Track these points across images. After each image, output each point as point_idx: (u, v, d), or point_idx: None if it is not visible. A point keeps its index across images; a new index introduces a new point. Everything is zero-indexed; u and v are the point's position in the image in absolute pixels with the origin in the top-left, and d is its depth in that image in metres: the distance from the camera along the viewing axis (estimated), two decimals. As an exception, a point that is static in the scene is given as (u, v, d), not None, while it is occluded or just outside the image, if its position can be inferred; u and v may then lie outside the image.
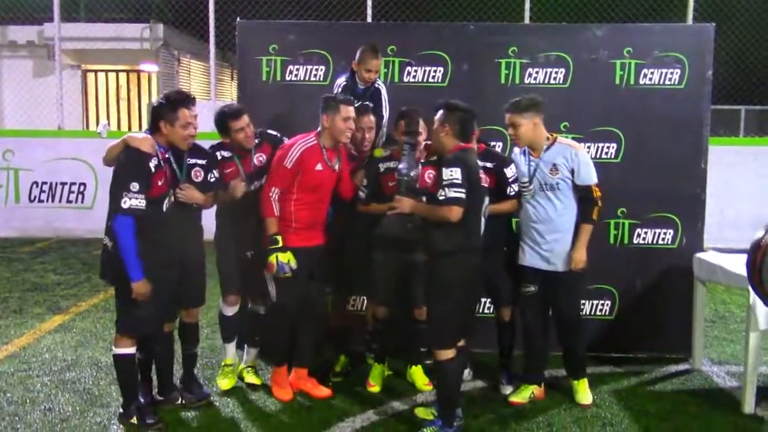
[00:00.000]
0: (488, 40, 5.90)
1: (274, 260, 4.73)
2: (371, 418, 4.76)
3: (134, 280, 4.29)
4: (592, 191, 4.82)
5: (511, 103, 4.89)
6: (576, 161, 4.81)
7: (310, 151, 4.81)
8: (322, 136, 4.86)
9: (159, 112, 4.52)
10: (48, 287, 8.17)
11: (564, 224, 4.85)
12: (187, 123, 4.52)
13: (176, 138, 4.54)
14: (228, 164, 5.04)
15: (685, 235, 5.85)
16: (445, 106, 4.45)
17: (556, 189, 4.83)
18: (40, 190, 11.33)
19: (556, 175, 4.82)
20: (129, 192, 4.23)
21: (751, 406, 4.85)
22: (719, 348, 6.26)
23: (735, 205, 10.43)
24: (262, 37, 5.94)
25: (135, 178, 4.27)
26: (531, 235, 4.92)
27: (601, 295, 5.92)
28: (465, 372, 5.12)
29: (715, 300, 7.65)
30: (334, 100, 4.85)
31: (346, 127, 4.81)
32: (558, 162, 4.82)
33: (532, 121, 4.83)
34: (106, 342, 6.08)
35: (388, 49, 5.78)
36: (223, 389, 5.13)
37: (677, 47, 5.77)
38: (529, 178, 4.91)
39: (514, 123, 4.85)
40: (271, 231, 4.77)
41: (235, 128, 4.97)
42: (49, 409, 4.83)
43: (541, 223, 4.87)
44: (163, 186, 4.45)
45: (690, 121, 5.79)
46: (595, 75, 5.80)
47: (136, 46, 14.80)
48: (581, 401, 5.00)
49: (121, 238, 4.27)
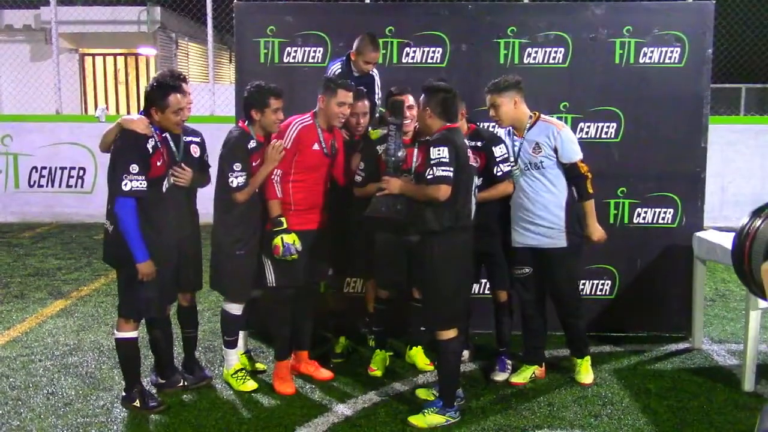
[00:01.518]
0: (487, 19, 5.87)
1: (280, 242, 4.67)
2: (372, 399, 4.78)
3: (140, 261, 4.30)
4: (578, 167, 4.80)
5: (491, 83, 4.88)
6: (558, 138, 4.79)
7: (306, 130, 4.77)
8: (318, 116, 4.83)
9: (149, 98, 4.48)
10: (49, 272, 8.18)
11: (552, 202, 4.82)
12: (179, 109, 4.47)
13: (168, 124, 4.50)
14: (255, 155, 4.74)
15: (685, 214, 5.85)
16: (425, 88, 4.46)
17: (541, 167, 4.82)
18: (40, 175, 11.33)
19: (540, 154, 4.81)
20: (129, 174, 4.23)
21: (751, 384, 4.87)
22: (719, 327, 6.28)
23: (735, 183, 10.42)
24: (259, 19, 5.91)
25: (134, 159, 4.26)
26: (521, 215, 4.90)
27: (602, 274, 5.93)
28: (465, 353, 5.14)
29: (715, 279, 7.66)
30: (333, 83, 4.79)
31: (339, 112, 4.75)
32: (540, 141, 4.81)
33: (513, 100, 4.82)
34: (107, 326, 6.10)
35: (386, 29, 5.76)
36: (252, 389, 4.86)
37: (677, 25, 5.74)
38: (514, 158, 4.90)
39: (494, 103, 4.85)
40: (274, 213, 4.72)
41: (274, 107, 4.71)
42: (52, 393, 4.86)
43: (530, 202, 4.85)
44: (161, 167, 4.44)
45: (690, 100, 5.77)
46: (595, 54, 5.77)
47: (134, 30, 14.74)
48: (583, 380, 5.03)
49: (123, 221, 4.27)
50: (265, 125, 4.76)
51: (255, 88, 4.75)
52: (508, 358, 5.18)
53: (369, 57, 5.26)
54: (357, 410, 4.62)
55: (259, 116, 4.72)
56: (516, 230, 4.94)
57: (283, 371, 4.95)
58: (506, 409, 4.64)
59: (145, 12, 14.54)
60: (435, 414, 4.39)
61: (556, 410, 4.63)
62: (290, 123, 4.80)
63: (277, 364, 4.98)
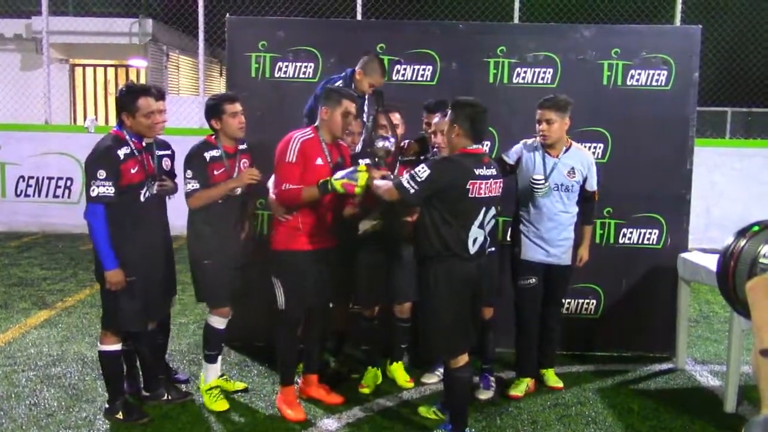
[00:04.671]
0: (477, 39, 5.93)
1: (340, 186, 4.32)
2: (357, 414, 4.78)
3: (107, 269, 4.29)
4: (594, 196, 5.14)
5: (549, 99, 4.94)
6: (590, 169, 5.06)
7: (309, 143, 4.51)
8: (321, 129, 4.58)
9: (120, 103, 4.45)
10: (34, 282, 8.13)
11: (570, 223, 5.06)
12: (149, 112, 4.43)
13: (141, 128, 4.45)
14: (217, 165, 4.70)
15: (670, 235, 5.90)
16: (453, 104, 4.24)
17: (570, 190, 5.00)
18: (27, 185, 11.28)
19: (573, 178, 4.98)
20: (96, 180, 4.23)
21: (733, 405, 4.90)
22: (702, 347, 6.32)
23: (720, 205, 10.52)
24: (251, 34, 5.94)
25: (101, 165, 4.26)
26: (539, 232, 5.00)
27: (587, 294, 5.96)
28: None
29: (699, 300, 7.71)
30: (337, 93, 4.58)
31: (344, 123, 4.58)
32: (576, 167, 4.99)
33: (564, 122, 4.93)
34: (92, 337, 6.06)
35: (377, 47, 5.79)
36: (221, 410, 4.75)
37: (664, 49, 5.82)
38: (545, 177, 4.95)
39: (549, 119, 4.89)
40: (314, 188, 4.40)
41: (230, 112, 4.68)
42: (35, 404, 4.82)
43: (553, 221, 4.98)
44: (137, 174, 4.39)
45: (676, 122, 5.84)
46: (583, 75, 5.83)
47: (125, 41, 14.72)
48: (555, 385, 5.23)
49: (92, 227, 4.28)
50: (228, 132, 4.70)
51: (210, 99, 4.83)
52: (492, 375, 5.19)
53: (376, 80, 5.08)
54: (341, 425, 4.61)
55: (219, 124, 4.69)
56: (527, 244, 5.04)
57: (290, 396, 4.75)
58: (490, 427, 4.64)
59: (136, 24, 14.53)
60: None
61: (539, 428, 4.64)
62: (290, 138, 4.53)
63: (283, 389, 4.78)
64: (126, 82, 4.75)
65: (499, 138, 5.72)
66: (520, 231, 5.08)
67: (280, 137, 4.62)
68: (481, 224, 4.16)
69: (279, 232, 4.62)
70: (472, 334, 4.31)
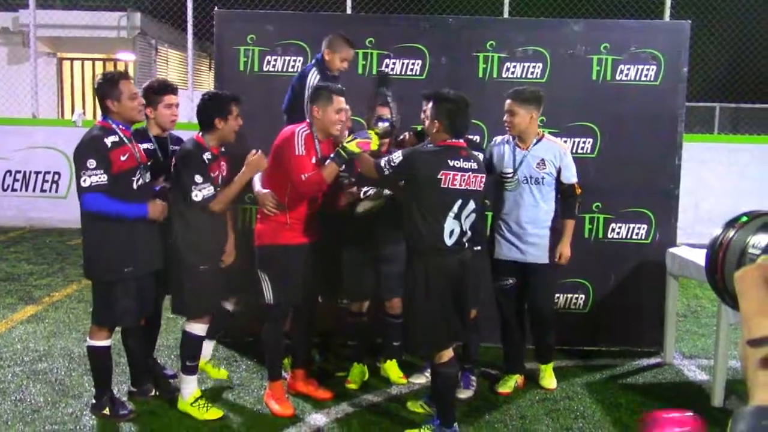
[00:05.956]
0: (467, 33, 5.91)
1: (356, 145, 4.34)
2: (345, 410, 4.77)
3: (145, 214, 4.31)
4: (574, 189, 4.99)
5: (515, 90, 4.92)
6: (564, 161, 4.94)
7: (308, 137, 4.50)
8: (314, 127, 4.56)
9: (102, 92, 4.35)
10: (21, 277, 8.07)
11: (544, 217, 4.94)
12: (133, 94, 4.36)
13: (129, 113, 4.36)
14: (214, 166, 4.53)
15: (659, 230, 5.91)
16: (433, 96, 4.25)
17: (541, 183, 4.91)
18: (14, 179, 11.19)
19: (543, 170, 4.90)
20: (87, 170, 4.18)
21: (721, 399, 4.93)
22: (690, 342, 6.34)
23: (708, 201, 10.55)
24: (239, 27, 5.91)
25: (90, 155, 4.20)
26: (511, 228, 4.94)
27: (576, 288, 5.97)
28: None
29: (687, 294, 7.74)
30: (327, 90, 4.56)
31: (338, 119, 4.53)
32: (546, 157, 4.91)
33: (530, 114, 4.87)
34: (79, 333, 6.03)
35: (366, 41, 5.77)
36: (216, 417, 4.57)
37: (654, 44, 5.82)
38: (513, 170, 4.93)
39: (512, 110, 4.87)
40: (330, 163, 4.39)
41: (236, 114, 4.56)
42: (21, 399, 4.79)
43: (524, 216, 4.91)
44: (127, 162, 4.31)
45: (665, 118, 5.85)
46: (572, 70, 5.83)
47: (113, 35, 14.64)
48: (547, 386, 5.15)
49: (98, 211, 4.23)
50: (227, 134, 4.53)
51: (213, 96, 4.68)
52: (473, 374, 5.16)
53: (346, 54, 5.13)
54: (330, 420, 4.61)
55: (222, 124, 4.49)
56: (500, 242, 4.98)
57: (277, 392, 4.72)
58: (479, 422, 4.65)
59: (125, 17, 14.45)
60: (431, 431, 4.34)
61: (528, 423, 4.65)
62: (293, 132, 4.49)
63: (271, 384, 4.75)
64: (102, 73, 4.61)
65: (489, 132, 5.71)
66: (494, 229, 5.06)
67: (268, 131, 4.61)
68: (457, 216, 4.14)
69: (265, 226, 4.61)
70: (457, 330, 4.30)
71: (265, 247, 4.61)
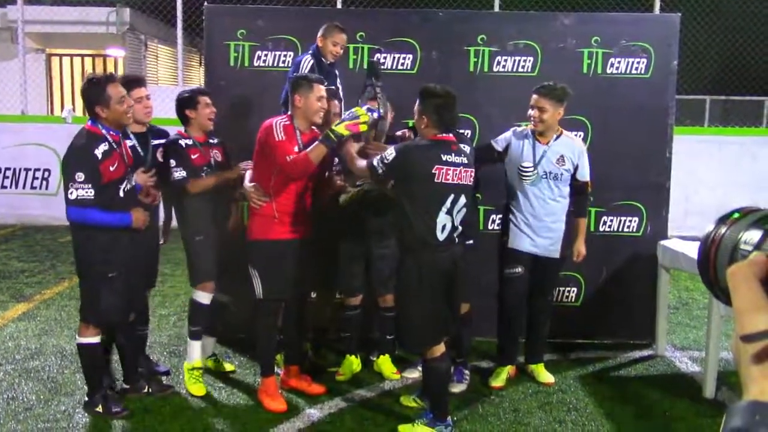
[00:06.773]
0: (457, 27, 5.90)
1: (344, 128, 4.33)
2: (339, 404, 4.77)
3: (128, 223, 4.33)
4: (587, 186, 5.05)
5: (546, 86, 4.89)
6: (581, 158, 4.99)
7: (287, 128, 4.49)
8: (296, 118, 4.54)
9: (89, 98, 4.30)
10: (12, 275, 8.03)
11: (562, 212, 4.99)
12: (122, 97, 4.30)
13: (120, 117, 4.32)
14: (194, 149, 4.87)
15: (650, 223, 5.93)
16: (420, 92, 4.25)
17: (559, 179, 4.94)
18: (4, 176, 11.12)
19: (562, 166, 4.93)
20: (75, 182, 4.15)
21: (712, 391, 4.95)
22: (682, 334, 6.37)
23: (699, 193, 10.58)
24: (230, 22, 5.88)
25: (80, 167, 4.17)
26: (528, 221, 4.95)
27: (568, 281, 5.98)
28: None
29: (678, 287, 7.77)
30: (306, 79, 4.57)
31: (320, 107, 4.52)
32: (566, 154, 4.94)
33: (558, 111, 4.88)
34: (70, 330, 6.00)
35: (357, 35, 5.76)
36: (198, 395, 4.81)
37: (644, 37, 5.82)
38: (533, 164, 4.94)
39: (542, 107, 4.85)
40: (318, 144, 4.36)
41: (204, 102, 4.89)
42: (13, 397, 4.77)
43: (543, 210, 4.93)
44: (117, 171, 4.29)
45: (655, 111, 5.85)
46: (563, 63, 5.82)
47: (102, 30, 14.56)
48: (546, 380, 5.16)
49: (83, 222, 4.23)
50: (202, 121, 4.89)
51: (182, 92, 5.05)
52: (466, 369, 5.16)
53: (337, 38, 5.20)
54: (323, 415, 4.61)
55: (194, 114, 4.86)
56: (517, 233, 4.98)
57: (270, 387, 4.72)
58: (472, 415, 4.66)
59: (114, 13, 14.37)
60: (424, 426, 4.32)
61: (521, 416, 4.66)
62: (271, 123, 4.49)
63: (264, 381, 4.75)
64: (86, 76, 4.58)
65: (480, 126, 5.71)
66: (509, 219, 5.07)
67: (259, 126, 4.58)
68: (449, 211, 4.15)
69: (255, 221, 4.63)
70: (449, 325, 4.31)
71: (255, 242, 4.62)
